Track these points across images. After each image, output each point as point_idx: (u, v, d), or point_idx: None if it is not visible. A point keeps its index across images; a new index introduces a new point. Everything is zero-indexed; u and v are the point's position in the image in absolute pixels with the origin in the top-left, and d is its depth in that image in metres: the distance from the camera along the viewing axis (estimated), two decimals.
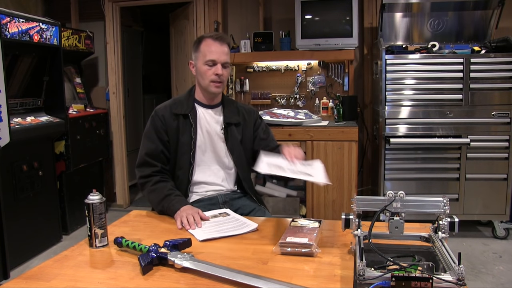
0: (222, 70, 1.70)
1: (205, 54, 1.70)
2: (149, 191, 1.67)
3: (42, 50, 3.13)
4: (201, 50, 1.72)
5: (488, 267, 2.70)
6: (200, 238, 1.35)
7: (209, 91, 1.73)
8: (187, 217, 1.47)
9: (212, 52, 1.69)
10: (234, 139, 1.78)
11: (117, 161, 4.21)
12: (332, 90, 3.72)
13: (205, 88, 1.75)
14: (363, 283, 0.93)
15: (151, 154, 1.71)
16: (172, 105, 1.77)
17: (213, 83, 1.71)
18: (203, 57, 1.71)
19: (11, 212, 2.75)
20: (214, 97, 1.79)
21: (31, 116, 3.12)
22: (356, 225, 1.18)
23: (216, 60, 1.69)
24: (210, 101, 1.80)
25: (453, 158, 3.15)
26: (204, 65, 1.70)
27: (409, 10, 3.46)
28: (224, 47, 1.72)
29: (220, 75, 1.69)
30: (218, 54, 1.69)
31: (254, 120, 1.87)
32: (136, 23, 4.94)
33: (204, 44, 1.71)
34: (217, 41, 1.70)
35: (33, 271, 1.15)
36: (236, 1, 3.94)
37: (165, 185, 1.66)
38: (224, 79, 1.73)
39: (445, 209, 1.14)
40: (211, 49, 1.69)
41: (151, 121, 1.75)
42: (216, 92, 1.75)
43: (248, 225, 1.45)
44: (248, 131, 1.84)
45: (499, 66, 3.02)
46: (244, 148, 1.81)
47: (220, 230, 1.42)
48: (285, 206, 3.36)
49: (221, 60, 1.70)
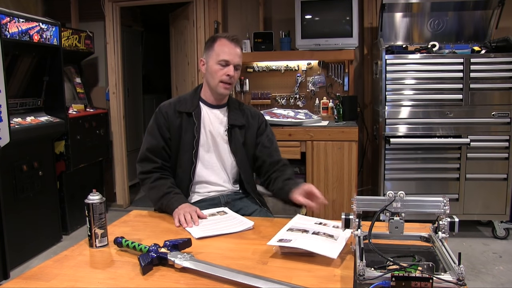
0: (233, 72, 1.69)
1: (219, 53, 1.69)
2: (149, 187, 1.68)
3: (42, 50, 3.13)
4: (215, 49, 1.70)
5: (488, 267, 2.70)
6: (196, 236, 1.35)
7: (218, 91, 1.72)
8: (184, 215, 1.48)
9: (226, 53, 1.68)
10: (237, 141, 1.77)
11: (117, 161, 4.21)
12: (332, 90, 3.72)
13: (213, 88, 1.73)
14: (363, 283, 0.93)
15: (152, 150, 1.71)
16: (177, 103, 1.77)
17: (222, 83, 1.70)
18: (216, 56, 1.69)
19: (11, 212, 2.75)
20: (221, 98, 1.78)
21: (31, 116, 3.12)
22: (356, 225, 1.18)
23: (229, 61, 1.68)
24: (217, 102, 1.79)
25: (453, 158, 3.15)
26: (216, 65, 1.69)
27: (409, 10, 3.46)
28: (238, 49, 1.71)
29: (231, 76, 1.69)
30: (232, 55, 1.68)
31: (259, 125, 1.84)
32: (136, 23, 4.94)
33: (219, 44, 1.70)
34: (232, 43, 1.69)
35: (33, 271, 1.15)
36: (236, 1, 3.94)
37: (165, 183, 1.66)
38: (234, 81, 1.71)
39: (445, 209, 1.14)
40: (225, 49, 1.68)
41: (154, 117, 1.75)
42: (224, 93, 1.73)
43: (244, 223, 1.46)
44: (251, 134, 1.81)
45: (499, 66, 3.02)
46: (246, 150, 1.80)
47: (216, 228, 1.42)
48: (285, 206, 3.35)
49: (234, 62, 1.69)
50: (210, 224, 1.47)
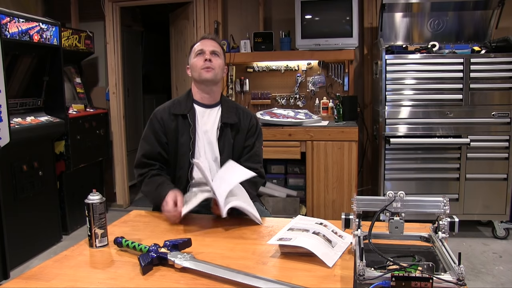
0: (210, 56, 1.74)
1: (195, 49, 1.79)
2: (145, 184, 1.71)
3: (42, 50, 3.13)
4: (192, 51, 1.82)
5: (488, 267, 2.70)
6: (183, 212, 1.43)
7: (202, 77, 1.74)
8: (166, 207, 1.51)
9: (200, 45, 1.78)
10: (227, 140, 1.78)
11: (117, 161, 4.21)
12: (332, 90, 3.72)
13: (198, 79, 1.76)
14: (363, 283, 0.93)
15: (148, 156, 1.74)
16: (171, 106, 1.79)
17: (203, 69, 1.73)
18: (193, 53, 1.79)
19: (11, 212, 2.75)
20: (210, 92, 1.78)
21: (31, 116, 3.12)
22: (356, 225, 1.18)
23: (203, 49, 1.75)
24: (208, 100, 1.80)
25: (453, 158, 3.15)
26: (195, 58, 1.77)
27: (409, 10, 3.46)
28: (212, 41, 1.79)
29: (208, 59, 1.73)
30: (205, 45, 1.77)
31: (249, 127, 1.84)
32: (136, 23, 4.94)
33: (195, 45, 1.82)
34: (204, 39, 1.81)
35: (33, 271, 1.15)
36: (236, 1, 3.94)
37: (159, 178, 1.68)
38: (214, 65, 1.74)
39: (445, 209, 1.14)
40: (199, 44, 1.79)
41: (149, 124, 1.77)
42: (208, 78, 1.73)
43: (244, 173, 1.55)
44: (240, 137, 1.81)
45: (499, 66, 3.02)
46: (235, 151, 1.80)
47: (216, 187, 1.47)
48: (285, 206, 3.37)
49: (209, 49, 1.75)
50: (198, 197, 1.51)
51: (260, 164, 1.84)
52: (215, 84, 1.79)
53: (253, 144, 1.83)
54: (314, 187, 3.20)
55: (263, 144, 1.92)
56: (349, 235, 1.32)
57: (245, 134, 1.82)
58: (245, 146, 1.82)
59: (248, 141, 1.83)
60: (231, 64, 3.72)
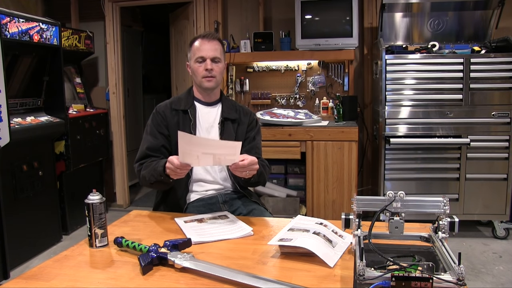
0: (211, 65, 1.74)
1: (195, 52, 1.77)
2: (143, 168, 1.68)
3: (42, 50, 3.13)
4: (192, 50, 1.79)
5: (488, 267, 2.70)
6: (193, 240, 1.35)
7: (203, 86, 1.77)
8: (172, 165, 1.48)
9: (201, 50, 1.75)
10: (229, 134, 1.80)
11: (117, 161, 4.21)
12: (332, 90, 3.72)
13: (199, 85, 1.79)
14: (363, 283, 0.93)
15: (152, 148, 1.73)
16: (172, 102, 1.82)
17: (204, 78, 1.75)
18: (193, 56, 1.78)
19: (11, 212, 2.75)
20: (210, 93, 1.82)
21: (31, 116, 3.12)
22: (356, 225, 1.18)
23: (204, 56, 1.74)
24: (208, 98, 1.83)
25: (453, 158, 3.15)
26: (195, 63, 1.76)
27: (409, 10, 3.46)
28: (213, 43, 1.76)
29: (209, 69, 1.74)
30: (206, 50, 1.75)
31: (249, 122, 1.88)
32: (136, 23, 4.94)
33: (195, 44, 1.79)
34: (205, 39, 1.77)
35: (33, 271, 1.15)
36: (236, 1, 3.94)
37: (156, 160, 1.66)
38: (215, 73, 1.76)
39: (445, 209, 1.14)
40: (199, 47, 1.76)
41: (152, 118, 1.79)
42: (209, 87, 1.77)
43: (243, 229, 1.44)
44: (241, 129, 1.85)
45: (499, 66, 3.02)
46: None
47: (214, 233, 1.41)
48: (285, 206, 3.36)
49: (210, 56, 1.74)
50: (208, 228, 1.46)
51: (261, 157, 1.86)
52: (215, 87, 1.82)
53: (254, 137, 1.87)
54: (314, 187, 3.20)
55: (262, 144, 1.94)
56: (349, 235, 1.32)
57: (246, 127, 1.86)
58: (246, 138, 1.85)
59: (249, 133, 1.86)
60: (231, 64, 3.72)
